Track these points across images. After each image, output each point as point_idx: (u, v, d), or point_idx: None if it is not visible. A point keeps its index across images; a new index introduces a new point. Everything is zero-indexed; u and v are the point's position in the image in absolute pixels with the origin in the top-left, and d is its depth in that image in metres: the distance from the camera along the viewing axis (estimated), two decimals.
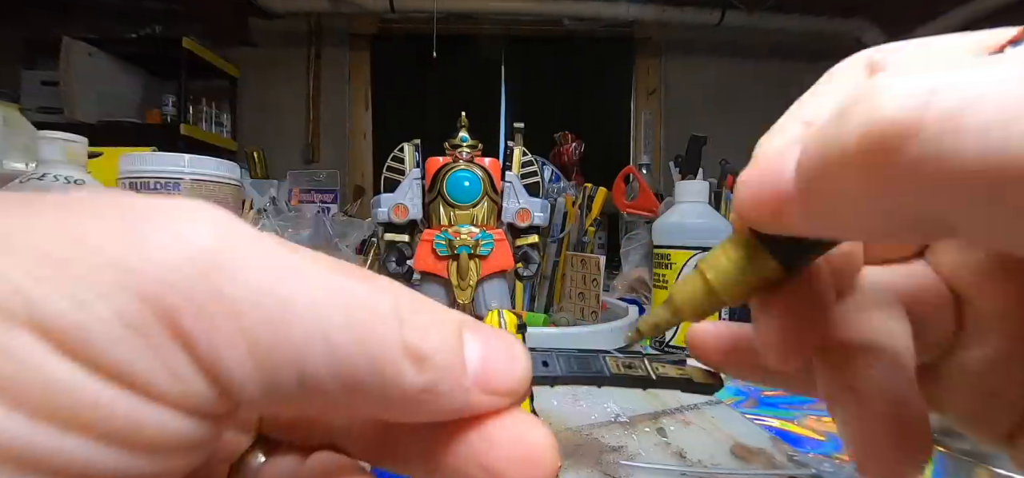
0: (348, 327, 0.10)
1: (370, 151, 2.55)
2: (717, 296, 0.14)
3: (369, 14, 2.41)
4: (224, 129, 2.39)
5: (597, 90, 2.58)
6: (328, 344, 0.10)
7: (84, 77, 1.99)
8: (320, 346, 0.10)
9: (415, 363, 0.11)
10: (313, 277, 0.10)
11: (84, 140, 0.63)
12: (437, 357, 0.11)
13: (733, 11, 2.30)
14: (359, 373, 0.10)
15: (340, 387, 0.10)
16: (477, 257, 0.39)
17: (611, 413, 0.50)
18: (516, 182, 0.42)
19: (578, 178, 1.35)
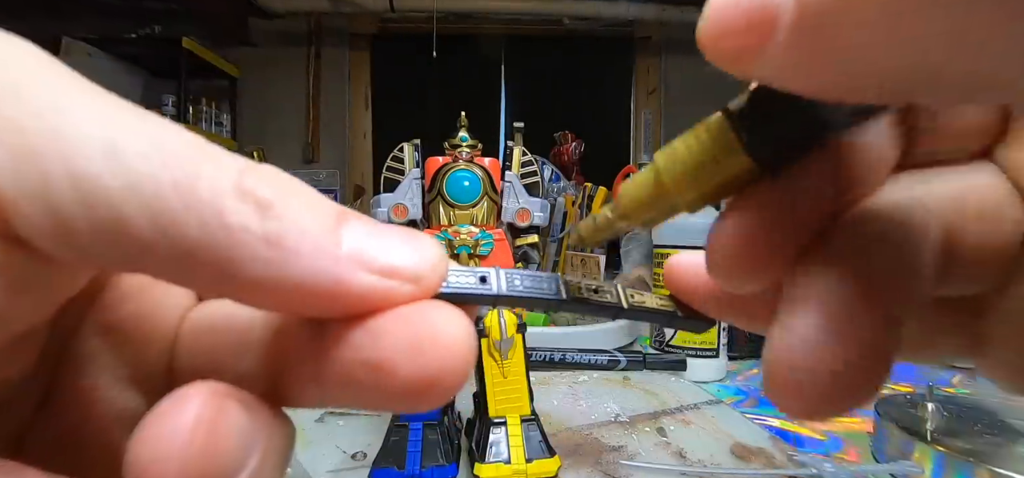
0: (147, 145, 0.08)
1: (370, 151, 2.55)
2: (668, 195, 0.11)
3: (369, 14, 2.41)
4: (224, 129, 2.39)
5: (597, 90, 2.58)
6: (114, 151, 0.08)
7: (84, 77, 1.99)
8: (103, 151, 0.08)
9: (253, 205, 0.08)
10: (110, 100, 0.09)
11: None
12: (289, 211, 0.09)
13: None
14: (165, 197, 0.08)
15: (144, 221, 0.08)
16: (477, 257, 0.39)
17: (611, 413, 0.50)
18: (516, 182, 0.42)
19: (578, 178, 1.35)
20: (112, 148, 0.08)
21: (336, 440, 0.43)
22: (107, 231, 0.08)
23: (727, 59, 0.09)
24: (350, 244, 0.09)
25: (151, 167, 0.08)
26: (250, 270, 0.08)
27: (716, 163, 0.10)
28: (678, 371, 0.62)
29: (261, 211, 0.08)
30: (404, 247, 0.10)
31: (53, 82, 0.08)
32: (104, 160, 0.08)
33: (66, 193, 0.08)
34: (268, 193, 0.09)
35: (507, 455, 0.35)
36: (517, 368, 0.38)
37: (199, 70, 2.20)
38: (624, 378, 0.60)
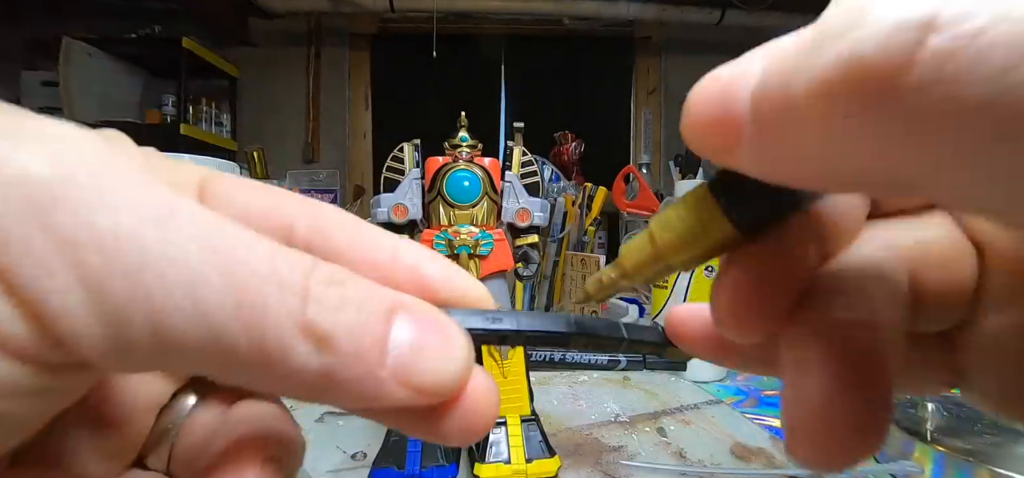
0: (226, 289, 0.08)
1: (370, 151, 2.55)
2: (663, 257, 0.12)
3: (369, 14, 2.41)
4: (224, 129, 2.39)
5: (597, 90, 2.58)
6: (196, 306, 0.08)
7: (84, 77, 1.99)
8: (185, 307, 0.08)
9: (315, 343, 0.09)
10: (187, 224, 0.09)
11: None
12: (344, 339, 0.09)
13: (733, 10, 2.30)
14: (235, 345, 0.09)
15: (212, 356, 0.09)
16: (477, 257, 0.39)
17: (611, 413, 0.50)
18: (516, 182, 0.42)
19: (578, 178, 1.35)
20: (193, 298, 0.08)
21: (336, 440, 0.43)
22: (172, 362, 0.09)
23: (708, 153, 0.10)
24: (394, 360, 0.10)
25: (226, 314, 0.08)
26: (300, 393, 0.09)
27: (703, 229, 0.11)
28: (678, 371, 0.62)
29: (319, 347, 0.09)
30: (441, 360, 0.10)
31: (133, 207, 0.08)
32: (188, 319, 0.08)
33: (145, 344, 0.08)
34: (327, 324, 0.09)
35: (507, 455, 0.35)
36: (517, 368, 0.38)
37: (199, 70, 2.20)
38: (624, 378, 0.60)
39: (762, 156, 0.09)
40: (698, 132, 0.10)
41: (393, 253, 0.13)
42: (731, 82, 0.09)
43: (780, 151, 0.09)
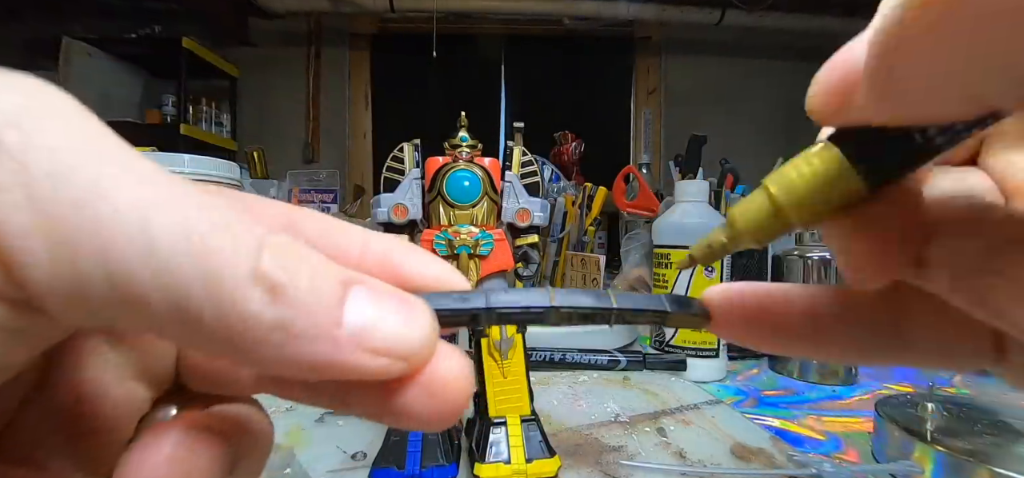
0: (177, 227, 0.08)
1: (370, 151, 2.55)
2: (784, 216, 0.12)
3: (369, 14, 2.41)
4: (224, 129, 2.39)
5: (597, 90, 2.58)
6: (148, 241, 0.08)
7: (84, 77, 1.99)
8: (137, 241, 0.08)
9: (267, 291, 0.09)
10: (145, 170, 0.09)
11: None
12: (298, 292, 0.09)
13: (733, 10, 2.30)
14: (187, 285, 0.08)
15: (164, 301, 0.08)
16: (477, 257, 0.39)
17: (611, 413, 0.50)
18: (516, 182, 0.42)
19: (578, 178, 1.35)
20: (147, 237, 0.08)
21: (336, 440, 0.43)
22: (126, 309, 0.08)
23: (829, 112, 0.11)
24: (351, 323, 0.10)
25: (178, 254, 0.08)
26: (256, 350, 0.09)
27: (830, 185, 0.12)
28: (678, 371, 0.62)
29: (272, 296, 0.09)
30: (401, 324, 0.10)
31: (93, 150, 0.09)
32: (138, 253, 0.08)
33: (97, 283, 0.08)
34: (281, 275, 0.09)
35: (507, 455, 0.35)
36: (517, 368, 0.38)
37: (199, 70, 2.20)
38: (624, 378, 0.60)
39: (885, 96, 0.09)
40: (821, 96, 0.11)
41: (363, 243, 0.13)
42: (849, 46, 0.10)
43: (904, 82, 0.09)
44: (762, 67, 2.49)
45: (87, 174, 0.08)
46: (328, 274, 0.10)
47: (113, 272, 0.08)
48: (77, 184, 0.08)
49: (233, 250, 0.09)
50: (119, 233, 0.08)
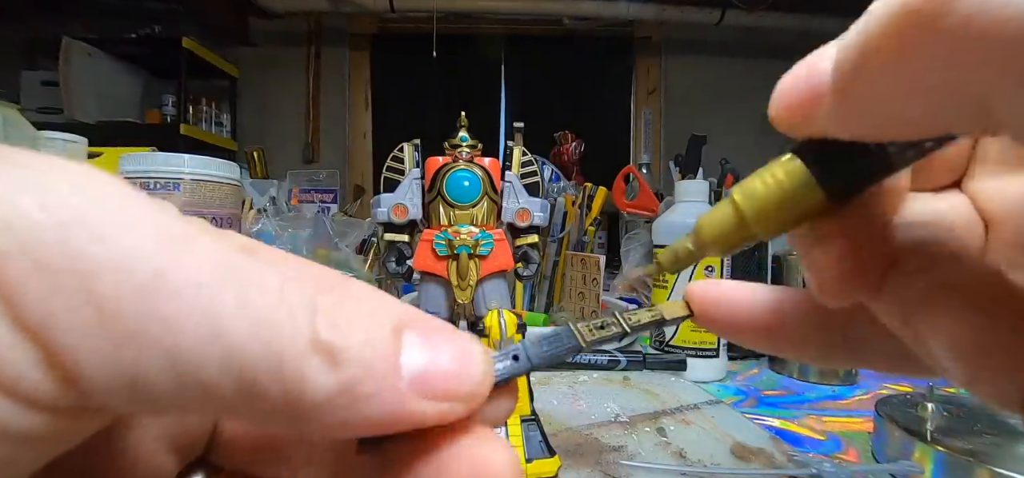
0: (241, 311, 0.08)
1: (370, 151, 2.55)
2: (748, 228, 0.12)
3: (369, 14, 2.41)
4: (224, 129, 2.39)
5: (597, 90, 2.58)
6: (212, 328, 0.08)
7: (84, 77, 1.99)
8: (202, 329, 0.08)
9: (327, 359, 0.09)
10: (202, 250, 0.09)
11: (84, 140, 0.63)
12: (355, 351, 0.09)
13: (733, 11, 2.30)
14: (254, 368, 0.08)
15: (231, 386, 0.08)
16: (477, 257, 0.39)
17: (611, 413, 0.50)
18: (516, 182, 0.42)
19: (578, 178, 1.35)
20: (212, 323, 0.08)
21: None
22: (191, 397, 0.08)
23: (793, 124, 0.11)
24: (410, 371, 0.10)
25: (244, 337, 0.08)
26: (322, 419, 0.09)
27: (793, 198, 0.12)
28: (678, 371, 0.61)
29: (332, 362, 0.09)
30: (457, 364, 0.10)
31: (150, 234, 0.08)
32: (204, 340, 0.08)
33: (162, 375, 0.08)
34: (337, 338, 0.09)
35: None
36: None
37: (199, 70, 2.20)
38: (624, 378, 0.60)
39: (848, 113, 0.10)
40: (784, 108, 0.11)
41: None
42: (814, 59, 0.10)
43: (866, 100, 0.09)
44: (762, 67, 2.48)
45: (148, 264, 0.08)
46: (381, 322, 0.10)
47: (178, 362, 0.08)
48: (139, 276, 0.08)
49: (291, 322, 0.09)
50: (185, 322, 0.08)
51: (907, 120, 0.09)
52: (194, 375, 0.08)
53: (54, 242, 0.08)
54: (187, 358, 0.08)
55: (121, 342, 0.08)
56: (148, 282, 0.08)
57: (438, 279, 0.40)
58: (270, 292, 0.09)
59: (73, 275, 0.08)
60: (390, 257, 0.42)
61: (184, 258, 0.08)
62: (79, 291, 0.08)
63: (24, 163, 0.08)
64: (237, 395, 0.08)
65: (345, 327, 0.09)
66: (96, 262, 0.08)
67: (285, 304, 0.09)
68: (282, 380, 0.09)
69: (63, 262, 0.08)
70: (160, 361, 0.08)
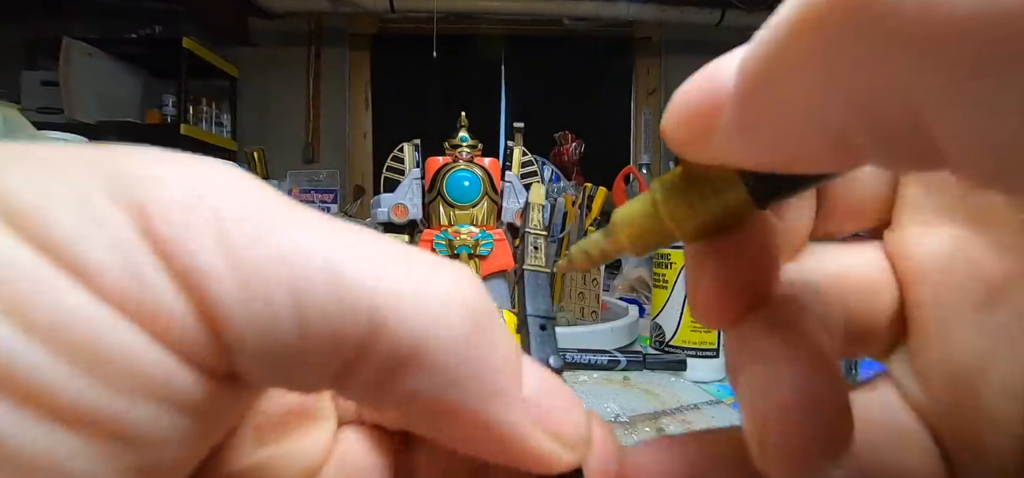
0: (360, 262, 0.09)
1: (370, 151, 2.55)
2: (662, 225, 0.11)
3: (369, 14, 2.41)
4: (224, 129, 2.39)
5: (597, 90, 2.58)
6: (332, 273, 0.08)
7: (84, 77, 1.99)
8: (322, 273, 0.08)
9: (485, 340, 0.09)
10: (319, 219, 0.09)
11: (84, 140, 0.63)
12: (492, 348, 0.10)
13: (733, 11, 2.30)
14: (383, 304, 0.09)
15: (358, 327, 0.08)
16: (477, 257, 0.39)
17: (611, 413, 0.50)
18: (516, 182, 0.42)
19: (578, 178, 1.35)
20: (331, 269, 0.08)
21: None
22: (315, 357, 0.08)
23: (687, 144, 0.10)
24: (530, 393, 0.10)
25: (364, 278, 0.09)
26: (452, 398, 0.09)
27: (715, 194, 0.11)
28: (678, 371, 0.62)
29: (487, 345, 0.09)
30: (570, 411, 0.10)
31: (276, 204, 0.09)
32: (324, 283, 0.08)
33: (287, 319, 0.08)
34: (491, 328, 0.09)
35: None
36: None
37: (199, 70, 2.20)
38: (624, 378, 0.60)
39: (750, 132, 0.08)
40: (676, 122, 0.09)
41: None
42: (715, 67, 0.09)
43: (770, 119, 0.08)
44: None
45: (272, 217, 0.08)
46: (509, 339, 0.10)
47: (302, 303, 0.08)
48: (261, 222, 0.08)
49: (428, 264, 0.09)
50: (306, 264, 0.08)
51: (815, 142, 0.08)
52: (315, 319, 0.08)
53: (187, 196, 0.08)
54: (308, 298, 0.08)
55: (251, 285, 0.08)
56: (271, 229, 0.08)
57: None
58: (391, 244, 0.09)
59: (209, 228, 0.08)
60: None
61: (305, 218, 0.09)
62: (214, 241, 0.08)
63: (148, 153, 0.09)
64: (363, 336, 0.08)
65: (488, 327, 0.10)
66: (228, 213, 0.08)
67: (449, 270, 0.10)
68: (412, 317, 0.09)
69: (198, 212, 0.08)
70: (286, 301, 0.08)
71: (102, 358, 0.07)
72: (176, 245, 0.08)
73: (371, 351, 0.09)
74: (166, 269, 0.08)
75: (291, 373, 0.09)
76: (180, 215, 0.08)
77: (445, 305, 0.09)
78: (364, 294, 0.08)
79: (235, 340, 0.08)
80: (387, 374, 0.09)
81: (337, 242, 0.09)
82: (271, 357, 0.08)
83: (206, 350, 0.08)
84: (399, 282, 0.09)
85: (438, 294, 0.09)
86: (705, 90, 0.09)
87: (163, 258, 0.08)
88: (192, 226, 0.08)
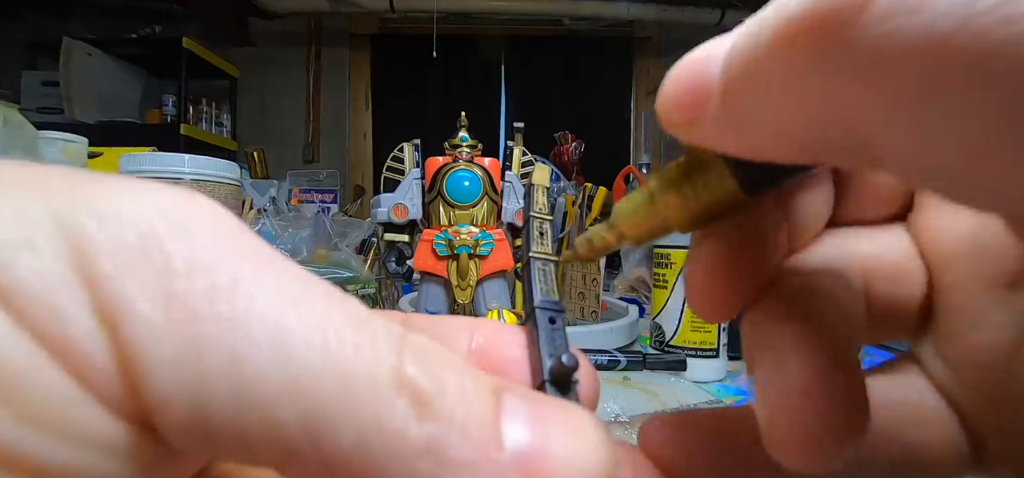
0: (314, 328, 0.08)
1: (370, 151, 2.55)
2: (660, 215, 0.12)
3: (369, 14, 2.41)
4: (224, 129, 2.39)
5: (597, 90, 2.58)
6: (280, 340, 0.07)
7: (84, 77, 1.99)
8: (269, 341, 0.07)
9: (413, 403, 0.08)
10: (278, 272, 0.08)
11: (84, 140, 0.63)
12: (450, 401, 0.08)
13: (733, 11, 2.30)
14: (321, 390, 0.07)
15: (298, 415, 0.07)
16: (477, 257, 0.39)
17: (611, 413, 0.50)
18: (516, 182, 0.42)
19: (578, 178, 1.35)
20: (280, 335, 0.07)
21: None
22: (252, 430, 0.07)
23: (677, 127, 0.10)
24: (512, 446, 0.08)
25: (314, 354, 0.07)
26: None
27: (706, 186, 0.11)
28: (678, 371, 0.62)
29: (419, 409, 0.08)
30: (572, 448, 0.08)
31: (231, 247, 0.08)
32: (269, 353, 0.07)
33: (223, 390, 0.07)
34: (426, 383, 0.08)
35: None
36: None
37: (199, 70, 2.20)
38: (624, 378, 0.60)
39: (729, 123, 0.09)
40: (669, 104, 0.09)
41: (470, 333, 0.12)
42: (707, 53, 0.09)
43: (744, 114, 0.08)
44: None
45: (225, 268, 0.08)
46: (477, 380, 0.08)
47: (241, 373, 0.07)
48: (214, 276, 0.08)
49: (372, 349, 0.08)
50: (251, 328, 0.07)
51: (786, 140, 0.08)
52: (256, 394, 0.07)
53: (137, 236, 0.08)
54: (248, 368, 0.07)
55: (187, 339, 0.07)
56: (221, 283, 0.08)
57: (438, 279, 0.41)
58: (351, 314, 0.08)
59: (152, 269, 0.07)
60: (390, 257, 0.42)
61: (262, 272, 0.08)
62: (157, 287, 0.07)
63: (118, 181, 0.08)
64: (302, 430, 0.07)
65: (437, 373, 0.08)
66: (177, 261, 0.08)
67: (368, 330, 0.08)
68: (356, 416, 0.07)
69: (144, 255, 0.07)
70: (222, 366, 0.07)
71: (15, 387, 0.07)
72: (111, 287, 0.07)
73: (313, 446, 0.07)
74: (92, 308, 0.07)
75: (219, 452, 0.08)
76: (125, 256, 0.07)
77: (391, 390, 0.08)
78: (317, 374, 0.07)
79: (159, 399, 0.07)
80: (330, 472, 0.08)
81: (287, 298, 0.08)
82: (199, 428, 0.07)
83: (127, 402, 0.07)
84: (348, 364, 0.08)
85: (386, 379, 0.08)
86: (695, 76, 0.09)
87: (93, 296, 0.07)
88: (133, 269, 0.07)
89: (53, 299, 0.07)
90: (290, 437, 0.07)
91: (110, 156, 0.75)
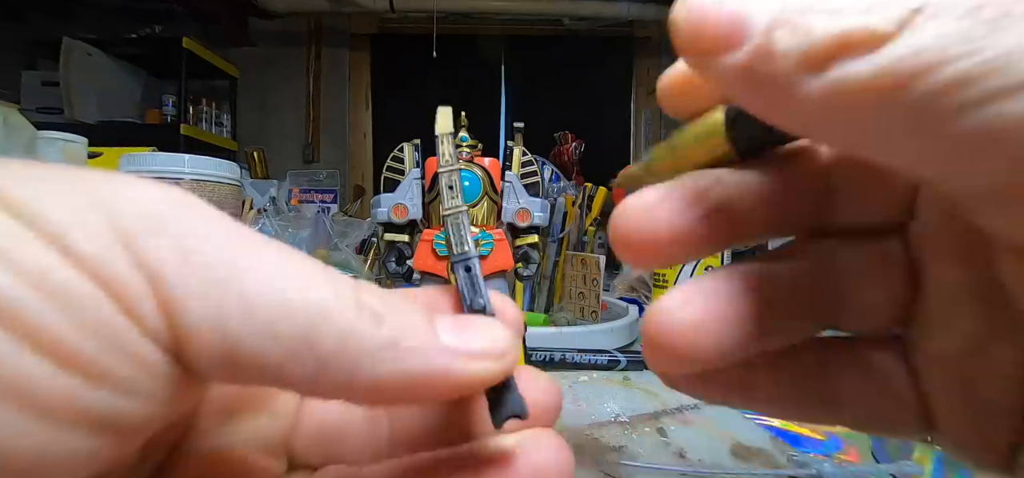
0: (301, 284, 0.10)
1: (370, 151, 2.55)
2: (675, 156, 0.15)
3: (369, 14, 2.41)
4: (224, 129, 2.39)
5: (597, 90, 2.58)
6: (275, 286, 0.10)
7: (84, 77, 1.99)
8: (267, 286, 0.10)
9: (371, 316, 0.11)
10: (262, 241, 0.11)
11: (84, 140, 0.63)
12: (396, 317, 0.11)
13: None
14: (311, 315, 0.10)
15: (293, 330, 0.10)
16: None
17: (611, 413, 0.50)
18: (516, 182, 0.42)
19: (578, 178, 1.35)
20: (284, 298, 0.10)
21: None
22: (263, 347, 0.10)
23: (692, 58, 0.11)
24: (445, 337, 0.11)
25: (303, 293, 0.10)
26: (372, 371, 0.10)
27: (702, 142, 0.13)
28: None
29: (376, 321, 0.11)
30: (485, 334, 0.12)
31: (226, 231, 0.10)
32: (269, 289, 0.10)
33: (237, 320, 0.10)
34: (379, 306, 0.11)
35: None
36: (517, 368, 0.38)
37: (199, 70, 2.20)
38: (624, 378, 0.60)
39: (747, 77, 0.10)
40: (693, 29, 0.10)
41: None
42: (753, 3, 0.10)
43: (790, 95, 0.09)
44: None
45: (227, 236, 0.10)
46: (414, 306, 0.12)
47: (251, 304, 0.10)
48: (219, 238, 0.10)
49: (338, 286, 0.11)
50: (252, 273, 0.10)
51: (835, 141, 0.10)
52: (262, 317, 0.10)
53: (158, 212, 0.10)
54: (257, 303, 0.10)
55: (206, 285, 0.10)
56: (228, 243, 0.10)
57: (438, 279, 0.41)
58: (320, 267, 0.11)
59: (174, 233, 0.10)
60: (390, 257, 0.42)
61: (254, 246, 0.10)
62: (178, 242, 0.10)
63: (133, 178, 0.11)
64: (299, 339, 0.10)
65: (385, 301, 0.11)
66: (190, 225, 0.10)
67: (334, 276, 0.11)
68: (335, 324, 0.10)
69: (165, 224, 0.10)
70: (237, 300, 0.10)
71: (75, 304, 0.09)
72: (144, 246, 0.09)
73: (309, 350, 0.10)
74: (132, 263, 0.09)
75: (236, 368, 0.10)
76: (152, 224, 0.10)
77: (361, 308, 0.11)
78: (307, 307, 0.10)
79: (190, 327, 0.10)
80: (310, 378, 0.10)
81: (276, 267, 0.10)
82: (221, 345, 0.10)
83: (165, 334, 0.10)
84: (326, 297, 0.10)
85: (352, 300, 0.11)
86: (734, 20, 0.09)
87: (132, 255, 0.09)
88: (159, 234, 0.10)
89: (104, 257, 0.09)
90: (289, 344, 0.10)
91: (110, 156, 0.75)
